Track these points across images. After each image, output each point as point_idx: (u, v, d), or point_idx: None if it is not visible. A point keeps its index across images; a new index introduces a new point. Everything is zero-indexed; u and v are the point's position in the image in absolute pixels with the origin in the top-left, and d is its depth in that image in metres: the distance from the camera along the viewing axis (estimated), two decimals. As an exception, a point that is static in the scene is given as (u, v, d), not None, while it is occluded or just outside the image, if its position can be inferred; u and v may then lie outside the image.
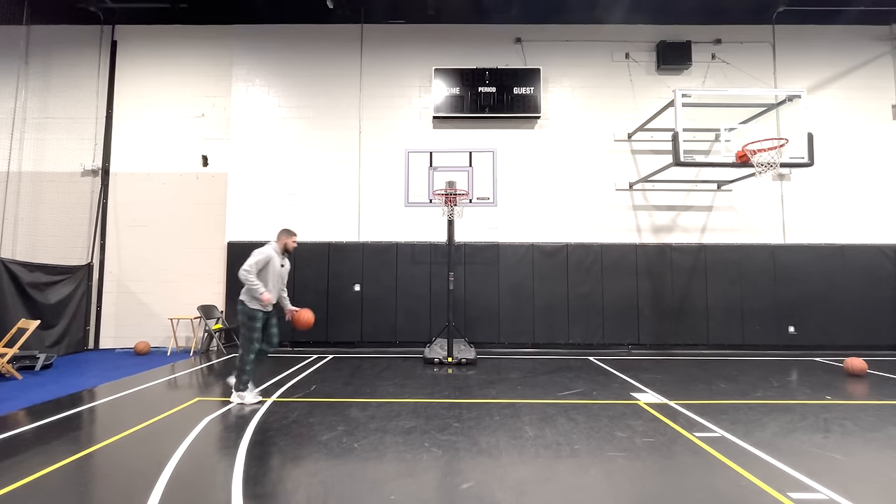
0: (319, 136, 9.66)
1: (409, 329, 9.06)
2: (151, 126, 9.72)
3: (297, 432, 4.01)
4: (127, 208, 9.55)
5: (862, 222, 9.39)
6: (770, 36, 9.75)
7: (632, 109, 9.58)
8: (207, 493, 2.87)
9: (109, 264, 9.45)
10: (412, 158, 7.93)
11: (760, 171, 6.98)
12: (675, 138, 7.19)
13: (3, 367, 6.15)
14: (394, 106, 9.71)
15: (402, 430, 4.07)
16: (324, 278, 9.20)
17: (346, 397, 5.29)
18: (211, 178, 9.62)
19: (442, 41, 9.77)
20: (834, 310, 8.99)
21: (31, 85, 9.60)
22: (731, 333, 9.02)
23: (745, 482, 3.03)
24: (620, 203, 9.52)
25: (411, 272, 9.19)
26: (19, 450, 3.58)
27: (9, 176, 9.20)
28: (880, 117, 9.60)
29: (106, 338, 9.29)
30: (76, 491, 2.92)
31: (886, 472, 3.23)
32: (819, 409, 4.79)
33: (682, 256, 9.25)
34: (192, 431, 4.01)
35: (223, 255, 9.38)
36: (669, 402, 5.10)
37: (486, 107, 9.40)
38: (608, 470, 3.25)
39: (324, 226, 9.44)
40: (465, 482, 3.04)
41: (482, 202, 7.86)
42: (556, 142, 9.60)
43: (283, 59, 9.78)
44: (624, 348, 8.95)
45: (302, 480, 3.05)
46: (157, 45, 9.85)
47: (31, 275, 7.74)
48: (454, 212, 7.67)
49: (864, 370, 6.60)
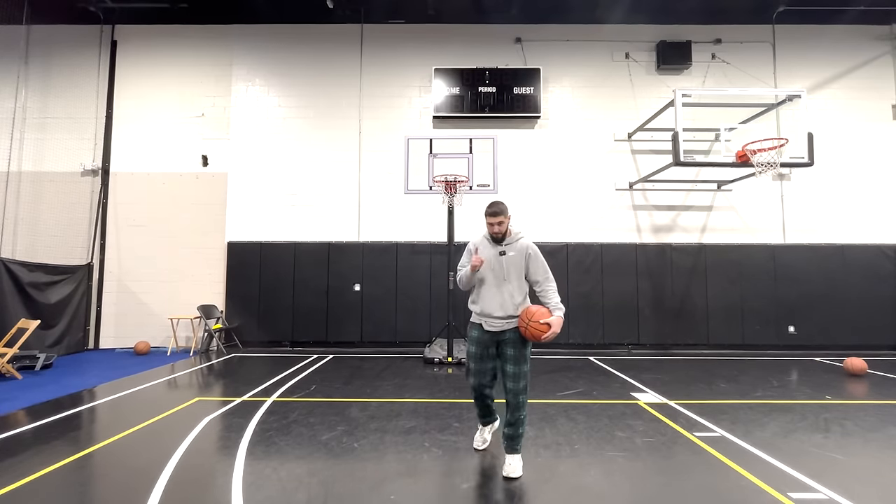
0: (319, 135, 9.66)
1: (409, 329, 9.06)
2: (151, 126, 9.72)
3: (297, 432, 4.01)
4: (127, 208, 9.55)
5: (862, 222, 9.39)
6: (770, 36, 9.75)
7: (632, 109, 9.58)
8: (207, 493, 2.87)
9: (109, 264, 9.45)
10: (412, 146, 7.96)
11: (760, 171, 6.99)
12: (675, 138, 7.19)
13: (3, 367, 6.15)
14: (394, 106, 9.71)
15: (402, 430, 4.07)
16: (324, 278, 9.20)
17: (346, 397, 5.28)
18: (211, 177, 9.62)
19: (442, 41, 9.77)
20: (834, 310, 8.99)
21: (31, 85, 9.60)
22: (731, 333, 9.02)
23: (745, 482, 3.03)
24: (620, 203, 9.52)
25: (411, 272, 9.19)
26: (19, 450, 3.58)
27: (9, 176, 9.20)
28: (880, 117, 9.60)
29: (106, 338, 9.29)
30: (76, 491, 2.92)
31: (886, 472, 3.23)
32: (819, 409, 4.78)
33: (682, 256, 9.25)
34: (192, 431, 4.00)
35: (223, 255, 9.38)
36: (669, 401, 5.10)
37: (486, 107, 9.40)
38: (608, 470, 3.25)
39: (324, 226, 9.44)
40: (465, 482, 3.04)
41: (482, 189, 7.86)
42: (556, 142, 9.60)
43: (283, 58, 9.78)
44: (624, 348, 8.94)
45: (302, 480, 3.05)
46: (157, 45, 9.85)
47: (31, 275, 7.74)
48: (454, 200, 7.67)
49: (864, 370, 6.60)
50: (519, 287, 3.24)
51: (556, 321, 3.06)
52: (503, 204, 3.27)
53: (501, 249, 3.26)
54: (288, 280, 9.20)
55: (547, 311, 3.12)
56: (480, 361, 3.30)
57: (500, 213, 3.23)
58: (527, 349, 3.24)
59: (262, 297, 9.17)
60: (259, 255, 9.26)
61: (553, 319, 3.06)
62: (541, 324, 3.03)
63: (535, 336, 3.05)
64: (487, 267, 3.24)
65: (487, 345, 3.27)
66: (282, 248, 9.30)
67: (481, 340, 3.28)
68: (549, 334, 3.03)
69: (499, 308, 3.20)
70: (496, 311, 3.20)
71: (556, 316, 3.09)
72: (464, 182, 7.68)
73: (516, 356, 3.19)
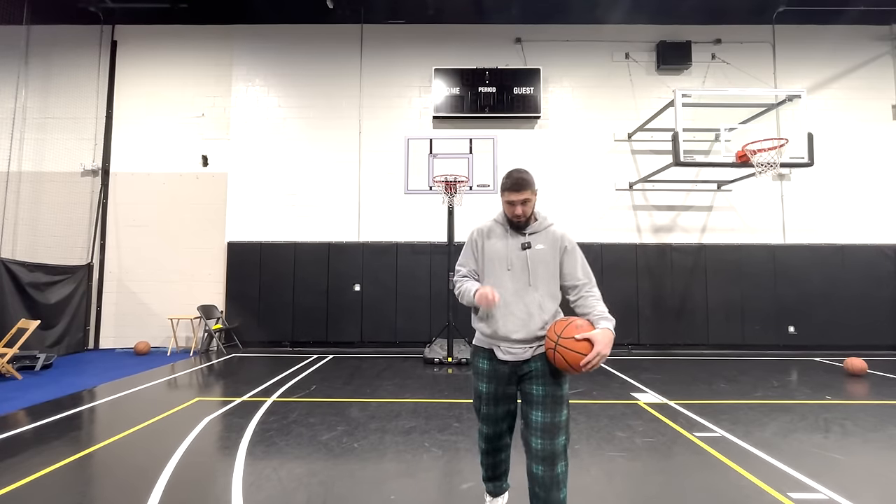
0: (319, 136, 9.66)
1: (409, 329, 9.06)
2: (151, 126, 9.72)
3: (297, 432, 4.01)
4: (127, 208, 9.55)
5: (862, 222, 9.39)
6: (770, 36, 9.75)
7: (632, 109, 9.58)
8: (207, 494, 2.87)
9: (109, 264, 9.45)
10: (412, 146, 7.99)
11: (760, 171, 6.99)
12: (675, 138, 7.19)
13: (3, 367, 6.15)
14: (394, 106, 9.71)
15: (402, 430, 4.07)
16: (324, 278, 9.20)
17: (346, 397, 5.28)
18: (211, 178, 9.62)
19: (442, 41, 9.77)
20: (834, 310, 8.99)
21: (31, 85, 9.60)
22: (731, 333, 9.01)
23: (745, 482, 3.03)
24: (620, 203, 9.52)
25: (411, 272, 9.19)
26: (19, 450, 3.58)
27: (9, 176, 9.20)
28: (880, 117, 9.60)
29: (106, 338, 9.29)
30: (76, 491, 2.92)
31: (886, 473, 3.23)
32: (819, 409, 4.78)
33: (682, 256, 9.25)
34: (192, 431, 4.00)
35: (223, 255, 9.38)
36: (669, 402, 5.10)
37: (486, 107, 9.40)
38: (608, 470, 3.25)
39: (324, 226, 9.44)
40: (465, 482, 3.04)
41: (482, 189, 7.87)
42: (556, 142, 9.60)
43: (283, 59, 9.78)
44: (624, 348, 8.95)
45: (302, 480, 3.04)
46: (157, 45, 9.85)
47: (31, 275, 7.74)
48: (454, 200, 7.68)
49: (864, 370, 6.60)
50: (550, 295, 2.16)
51: (600, 336, 1.92)
52: (529, 174, 2.18)
53: (525, 240, 2.20)
54: (288, 280, 9.20)
55: (587, 324, 2.02)
56: (495, 404, 2.22)
57: (526, 185, 2.14)
58: (563, 386, 2.11)
59: (261, 297, 9.17)
60: (259, 256, 9.26)
61: (596, 333, 1.93)
62: (576, 340, 1.93)
63: (572, 363, 1.93)
64: (502, 266, 2.19)
65: (505, 381, 2.18)
66: (282, 248, 9.30)
67: (495, 374, 2.19)
68: (591, 357, 1.89)
69: (521, 327, 2.12)
70: (516, 332, 2.12)
71: (600, 328, 1.97)
72: (464, 182, 7.69)
73: (548, 397, 2.06)
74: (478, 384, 2.26)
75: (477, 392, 2.28)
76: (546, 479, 1.99)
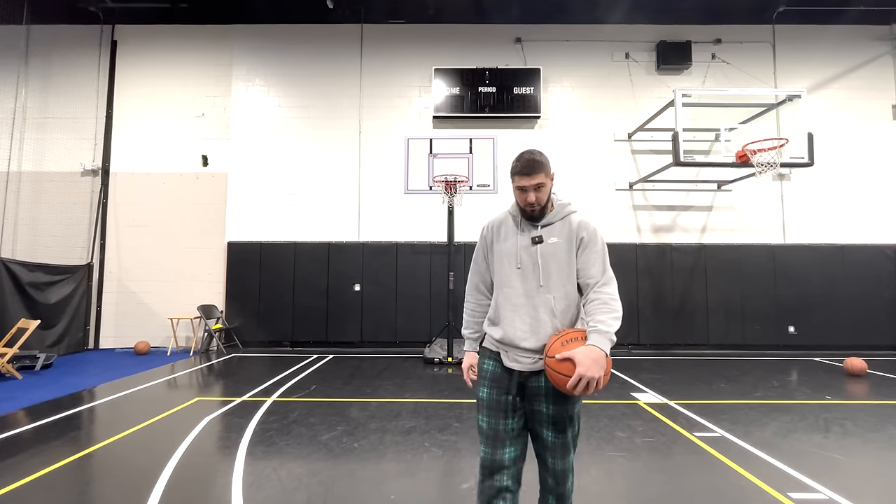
0: (319, 135, 9.66)
1: (409, 329, 9.05)
2: (151, 126, 9.72)
3: (297, 432, 4.01)
4: (127, 208, 9.55)
5: (862, 222, 9.39)
6: (770, 36, 9.75)
7: (632, 109, 9.58)
8: (207, 493, 2.87)
9: (109, 264, 9.45)
10: (412, 146, 8.00)
11: (760, 171, 6.99)
12: (675, 138, 7.19)
13: (3, 367, 6.15)
14: (394, 106, 9.71)
15: (402, 430, 4.07)
16: (324, 278, 9.20)
17: (346, 397, 5.28)
18: (211, 178, 9.62)
19: (442, 41, 9.77)
20: (834, 310, 8.99)
21: (31, 85, 9.60)
22: (731, 333, 9.01)
23: (745, 482, 3.03)
24: (620, 203, 9.52)
25: (411, 272, 9.19)
26: (19, 450, 3.58)
27: (9, 176, 9.19)
28: (880, 117, 9.60)
29: (106, 338, 9.29)
30: (76, 491, 2.92)
31: (886, 472, 3.23)
32: (819, 409, 4.78)
33: (682, 256, 9.25)
34: (192, 431, 4.00)
35: (223, 255, 9.38)
36: (669, 402, 5.10)
37: (486, 107, 9.40)
38: (608, 470, 3.25)
39: (324, 226, 9.44)
40: (465, 482, 3.04)
41: (483, 189, 7.88)
42: (556, 142, 9.60)
43: (283, 59, 9.78)
44: (624, 348, 8.94)
45: (302, 480, 3.04)
46: (157, 45, 9.85)
47: (31, 274, 7.74)
48: (454, 200, 7.68)
49: (864, 370, 6.60)
50: (566, 297, 1.86)
51: (581, 356, 1.61)
52: (543, 155, 1.89)
53: (536, 234, 1.90)
54: (288, 280, 9.20)
55: (580, 338, 1.72)
56: (496, 415, 1.86)
57: (539, 168, 1.84)
58: (575, 405, 1.86)
59: (261, 297, 9.17)
60: (259, 255, 9.26)
61: (577, 352, 1.63)
62: (558, 360, 1.66)
63: (558, 385, 1.68)
64: (511, 265, 1.90)
65: (506, 388, 1.87)
66: (282, 248, 9.30)
67: (499, 378, 1.90)
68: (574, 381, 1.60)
69: (529, 333, 1.83)
70: (525, 339, 1.83)
71: (587, 345, 1.66)
72: (464, 182, 7.69)
73: (557, 415, 1.82)
74: (479, 390, 1.95)
75: (478, 401, 1.95)
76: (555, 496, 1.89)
